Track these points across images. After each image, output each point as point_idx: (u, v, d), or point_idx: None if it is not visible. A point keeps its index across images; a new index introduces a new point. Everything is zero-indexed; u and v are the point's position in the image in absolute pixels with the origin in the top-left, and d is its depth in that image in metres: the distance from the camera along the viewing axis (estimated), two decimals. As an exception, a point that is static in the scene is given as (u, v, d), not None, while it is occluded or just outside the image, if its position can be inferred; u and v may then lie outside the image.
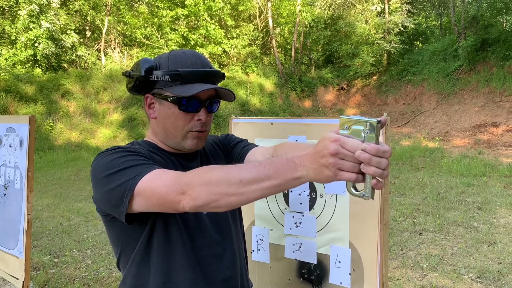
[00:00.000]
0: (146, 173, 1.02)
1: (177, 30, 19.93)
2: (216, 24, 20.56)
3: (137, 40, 20.54)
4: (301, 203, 1.69)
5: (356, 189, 0.83)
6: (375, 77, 21.45)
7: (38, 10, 16.87)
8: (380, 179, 0.79)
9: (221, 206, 0.93)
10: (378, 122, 0.78)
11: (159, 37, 20.27)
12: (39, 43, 16.73)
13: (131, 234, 1.17)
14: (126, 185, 1.02)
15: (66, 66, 18.40)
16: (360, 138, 0.79)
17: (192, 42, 19.57)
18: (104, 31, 19.72)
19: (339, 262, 1.61)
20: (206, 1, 19.35)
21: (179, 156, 1.27)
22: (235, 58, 21.77)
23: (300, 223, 1.70)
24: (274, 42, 22.20)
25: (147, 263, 1.18)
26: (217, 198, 0.91)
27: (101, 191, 1.09)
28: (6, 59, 16.72)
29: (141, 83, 1.19)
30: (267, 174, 0.87)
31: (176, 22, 20.19)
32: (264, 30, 23.44)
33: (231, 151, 1.43)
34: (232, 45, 21.05)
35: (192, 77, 1.16)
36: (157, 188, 0.99)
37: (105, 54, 20.22)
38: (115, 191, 1.04)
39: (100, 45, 19.99)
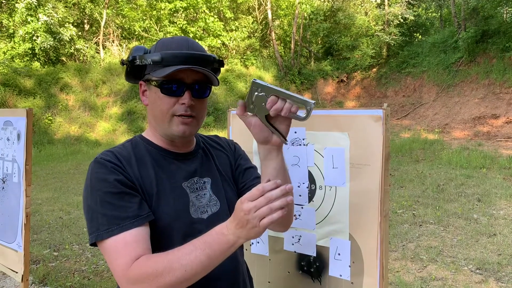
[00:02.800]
0: (111, 236, 1.06)
1: (176, 22, 19.84)
2: (215, 16, 20.46)
3: (136, 33, 20.46)
4: (300, 195, 1.68)
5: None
6: (374, 69, 21.39)
7: (36, 3, 16.78)
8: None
9: None
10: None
11: (157, 30, 20.18)
12: (37, 37, 16.66)
13: None
14: (93, 231, 1.08)
15: (64, 60, 18.34)
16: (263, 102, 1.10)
17: (191, 35, 19.48)
18: (102, 24, 19.62)
19: (339, 254, 1.60)
20: (204, -7, 19.28)
21: (177, 158, 1.24)
22: (234, 51, 21.69)
23: (299, 215, 1.69)
24: (273, 34, 22.11)
25: None
26: None
27: (83, 207, 1.15)
28: (4, 52, 16.67)
29: (131, 69, 1.19)
30: (206, 255, 0.97)
31: (174, 14, 20.09)
32: (263, 22, 23.34)
33: (241, 172, 1.39)
34: (231, 37, 20.97)
35: (174, 60, 1.13)
36: (113, 268, 1.05)
37: (104, 47, 20.14)
38: (87, 222, 1.11)
39: (99, 38, 19.90)
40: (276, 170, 1.18)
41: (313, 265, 1.67)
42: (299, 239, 1.70)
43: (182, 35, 16.45)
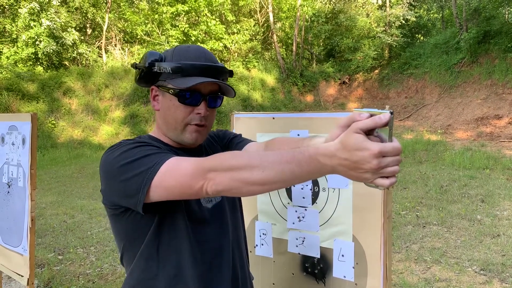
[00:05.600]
0: (164, 162, 1.03)
1: (178, 26, 19.89)
2: (217, 19, 20.50)
3: (138, 37, 20.51)
4: (303, 197, 1.69)
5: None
6: (376, 71, 21.39)
7: (39, 8, 16.86)
8: None
9: (243, 193, 0.95)
10: (392, 113, 0.78)
11: (160, 33, 20.24)
12: (40, 41, 16.73)
13: (140, 228, 1.17)
14: (145, 175, 1.03)
15: (67, 64, 18.40)
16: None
17: (193, 38, 19.53)
18: (104, 28, 19.70)
19: (343, 256, 1.61)
20: (206, -3, 19.34)
21: (184, 152, 1.27)
22: (236, 54, 21.72)
23: (303, 217, 1.70)
24: (275, 37, 22.13)
25: (155, 257, 1.19)
26: (239, 186, 0.92)
27: (114, 182, 1.09)
28: (7, 57, 16.74)
29: (145, 74, 1.21)
30: (290, 169, 0.87)
31: (176, 18, 20.14)
32: (265, 25, 23.37)
33: (227, 146, 1.45)
34: (233, 40, 21.00)
35: (193, 70, 1.17)
36: (178, 176, 0.99)
37: (106, 51, 20.20)
38: (132, 181, 1.04)
39: (101, 42, 19.97)
40: None
41: (317, 267, 1.68)
42: (303, 241, 1.71)
43: (184, 38, 16.48)
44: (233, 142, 1.44)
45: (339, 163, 0.81)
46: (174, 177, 1.00)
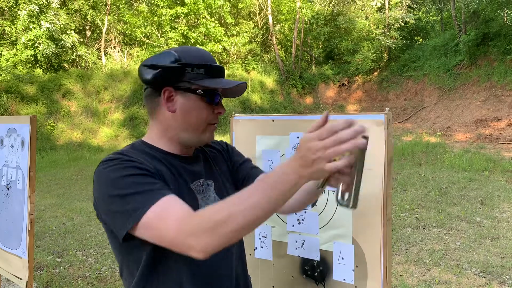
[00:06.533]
0: (151, 206, 0.99)
1: (177, 28, 19.92)
2: (216, 22, 20.53)
3: (137, 39, 20.54)
4: (303, 200, 1.69)
5: (343, 198, 0.91)
6: (376, 73, 21.41)
7: (38, 10, 16.88)
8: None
9: (234, 242, 0.94)
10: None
11: (159, 35, 20.27)
12: (40, 43, 16.75)
13: (137, 246, 1.13)
14: (129, 216, 1.01)
15: (66, 66, 18.41)
16: None
17: (192, 40, 19.56)
18: (104, 30, 19.72)
19: (342, 258, 1.61)
20: (205, -1, 19.39)
21: (182, 160, 1.24)
22: (235, 56, 21.75)
23: (302, 219, 1.70)
24: (274, 39, 22.17)
25: (155, 274, 1.16)
26: (228, 239, 0.92)
27: (105, 207, 1.08)
28: (6, 59, 16.75)
29: (169, 74, 1.16)
30: (268, 197, 0.89)
31: (176, 20, 20.18)
32: (264, 27, 23.42)
33: (238, 167, 1.41)
34: (232, 42, 21.03)
35: (216, 72, 1.20)
36: (163, 232, 0.97)
37: (106, 53, 20.22)
38: (117, 217, 1.03)
39: (100, 45, 19.99)
40: (310, 194, 1.28)
41: (316, 269, 1.68)
42: (303, 244, 1.71)
43: (184, 40, 16.49)
44: (247, 166, 1.41)
45: (299, 164, 0.86)
46: (159, 230, 0.98)
